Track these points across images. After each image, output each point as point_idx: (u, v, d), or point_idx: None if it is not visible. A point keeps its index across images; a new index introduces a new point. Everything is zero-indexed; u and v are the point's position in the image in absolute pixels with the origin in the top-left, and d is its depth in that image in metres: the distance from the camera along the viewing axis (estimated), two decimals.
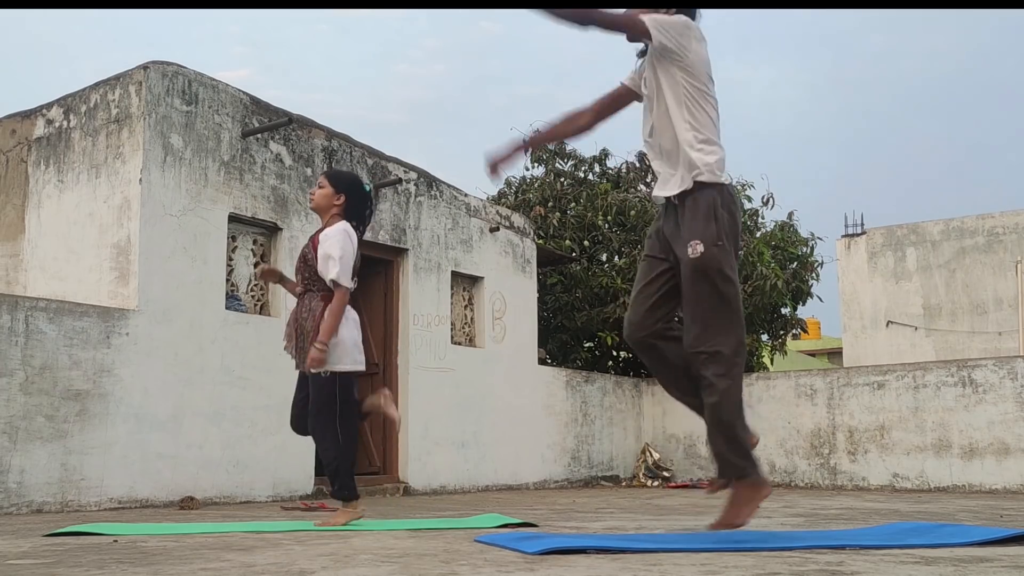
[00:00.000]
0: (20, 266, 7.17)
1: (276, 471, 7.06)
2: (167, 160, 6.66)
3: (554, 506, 6.37)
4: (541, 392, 10.05)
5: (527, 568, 2.66)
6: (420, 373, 8.58)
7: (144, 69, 6.66)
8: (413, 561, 2.86)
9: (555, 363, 11.92)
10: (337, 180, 4.59)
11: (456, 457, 8.85)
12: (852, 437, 10.01)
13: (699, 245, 3.42)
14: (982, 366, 9.48)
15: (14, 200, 7.32)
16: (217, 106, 7.06)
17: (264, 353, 7.07)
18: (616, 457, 10.99)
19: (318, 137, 7.88)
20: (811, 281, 13.50)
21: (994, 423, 9.23)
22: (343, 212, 4.52)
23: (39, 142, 7.21)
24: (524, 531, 4.01)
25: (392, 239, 8.47)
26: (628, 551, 3.09)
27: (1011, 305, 14.97)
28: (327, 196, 4.54)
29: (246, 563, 2.84)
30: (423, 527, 4.32)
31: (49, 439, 5.77)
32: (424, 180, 8.92)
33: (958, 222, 15.85)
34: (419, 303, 8.69)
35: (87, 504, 5.90)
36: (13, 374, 5.66)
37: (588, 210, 12.41)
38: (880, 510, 5.81)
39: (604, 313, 11.75)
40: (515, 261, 9.97)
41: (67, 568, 2.76)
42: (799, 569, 2.59)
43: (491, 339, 9.51)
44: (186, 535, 3.92)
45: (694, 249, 3.43)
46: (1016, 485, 9.00)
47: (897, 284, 16.17)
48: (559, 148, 13.40)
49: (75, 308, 6.07)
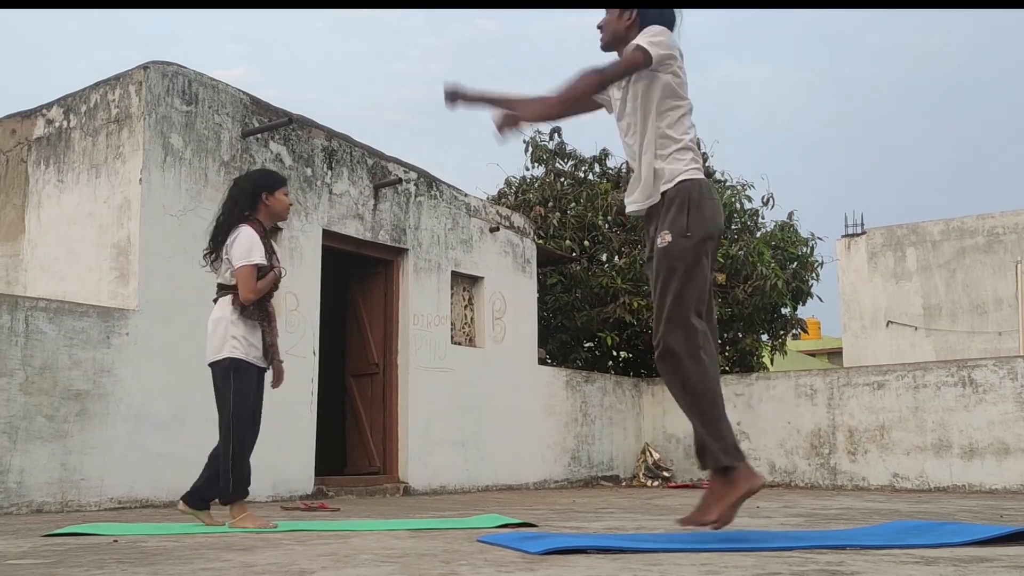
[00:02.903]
0: (20, 266, 7.17)
1: (276, 471, 7.06)
2: (167, 160, 6.66)
3: (554, 506, 6.37)
4: (541, 392, 10.05)
5: (527, 568, 2.66)
6: (420, 373, 8.58)
7: (144, 69, 6.66)
8: (413, 561, 2.86)
9: (555, 363, 11.92)
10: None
11: (456, 457, 8.85)
12: (852, 437, 10.01)
13: (667, 235, 3.42)
14: (982, 366, 9.48)
15: (14, 200, 7.32)
16: (217, 106, 7.06)
17: None
18: (616, 457, 10.99)
19: (318, 137, 7.88)
20: (811, 281, 13.51)
21: (994, 423, 9.23)
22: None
23: (39, 142, 7.20)
24: (524, 531, 4.01)
25: (392, 239, 8.47)
26: (628, 551, 3.09)
27: (1011, 305, 14.97)
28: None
29: (246, 563, 2.84)
30: (423, 527, 4.32)
31: (49, 439, 5.77)
32: (424, 180, 8.92)
33: (958, 222, 15.85)
34: (419, 303, 8.69)
35: (87, 504, 5.90)
36: (13, 374, 5.66)
37: (588, 210, 12.41)
38: (880, 510, 5.81)
39: (604, 313, 11.75)
40: (515, 261, 9.97)
41: (67, 568, 2.76)
42: (799, 569, 2.59)
43: (491, 339, 9.51)
44: (186, 535, 3.92)
45: (663, 239, 3.44)
46: (1016, 485, 9.00)
47: (897, 284, 16.17)
48: (559, 148, 13.40)
49: (75, 308, 6.07)
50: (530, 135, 13.43)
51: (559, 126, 13.43)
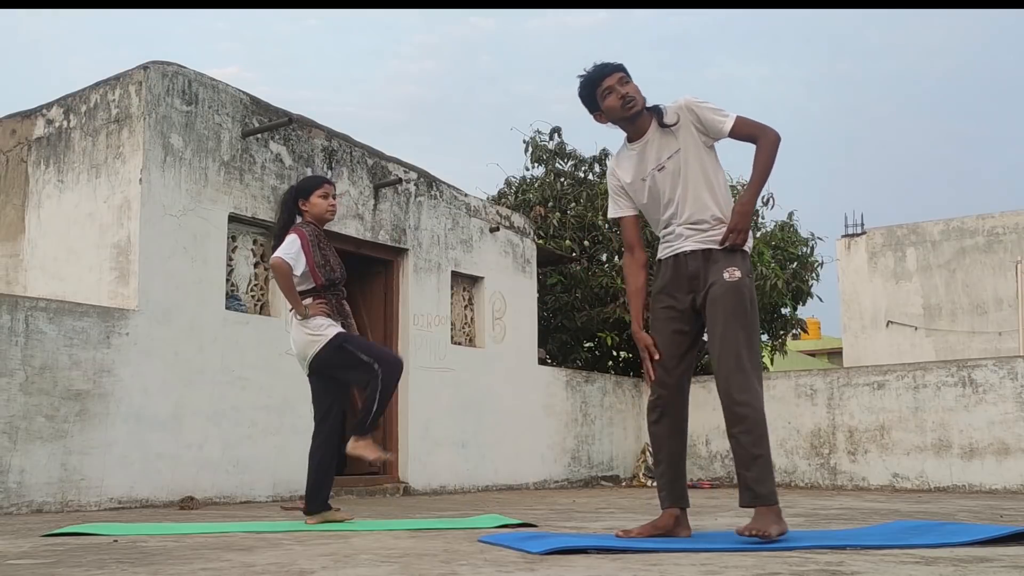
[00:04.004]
0: (20, 266, 7.17)
1: (276, 471, 7.06)
2: (167, 160, 6.66)
3: (554, 506, 6.37)
4: (541, 392, 10.05)
5: (527, 568, 2.66)
6: (420, 373, 8.58)
7: (144, 69, 6.66)
8: (413, 561, 2.86)
9: (555, 363, 11.93)
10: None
11: (456, 457, 8.85)
12: (852, 437, 10.01)
13: (737, 272, 3.47)
14: (982, 366, 9.48)
15: (14, 200, 7.32)
16: (217, 106, 7.06)
17: (264, 353, 7.07)
18: (616, 457, 10.99)
19: (318, 137, 7.88)
20: (811, 281, 13.50)
21: (994, 423, 9.23)
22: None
23: (39, 142, 7.21)
24: (525, 531, 4.01)
25: (392, 239, 8.47)
26: (628, 551, 3.09)
27: (1011, 305, 14.96)
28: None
29: (246, 563, 2.84)
30: (423, 527, 4.32)
31: (49, 439, 5.77)
32: (424, 180, 8.92)
33: (958, 222, 15.85)
34: (419, 303, 8.69)
35: (87, 504, 5.90)
36: (13, 374, 5.66)
37: (588, 210, 12.41)
38: (880, 510, 5.81)
39: (604, 313, 11.75)
40: (515, 261, 9.97)
41: (67, 568, 2.76)
42: (799, 569, 2.59)
43: (491, 339, 9.51)
44: (186, 535, 3.92)
45: (731, 274, 3.46)
46: (1016, 485, 9.00)
47: (897, 284, 16.17)
48: (559, 148, 13.40)
49: (75, 308, 6.07)
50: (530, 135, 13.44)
51: (559, 126, 13.45)
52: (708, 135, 3.53)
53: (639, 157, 3.61)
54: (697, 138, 3.53)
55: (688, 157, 3.53)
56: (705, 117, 3.52)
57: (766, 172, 3.50)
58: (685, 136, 3.53)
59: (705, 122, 3.52)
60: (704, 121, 3.52)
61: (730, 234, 3.45)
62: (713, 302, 3.47)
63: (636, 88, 3.59)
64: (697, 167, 3.53)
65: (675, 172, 3.54)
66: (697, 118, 3.52)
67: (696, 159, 3.53)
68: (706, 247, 3.52)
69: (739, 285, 3.45)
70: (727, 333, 3.42)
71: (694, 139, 3.53)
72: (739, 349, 3.41)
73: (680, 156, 3.53)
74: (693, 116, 3.52)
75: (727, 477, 10.49)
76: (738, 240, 3.46)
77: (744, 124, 3.50)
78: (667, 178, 3.55)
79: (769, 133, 3.49)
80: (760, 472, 3.35)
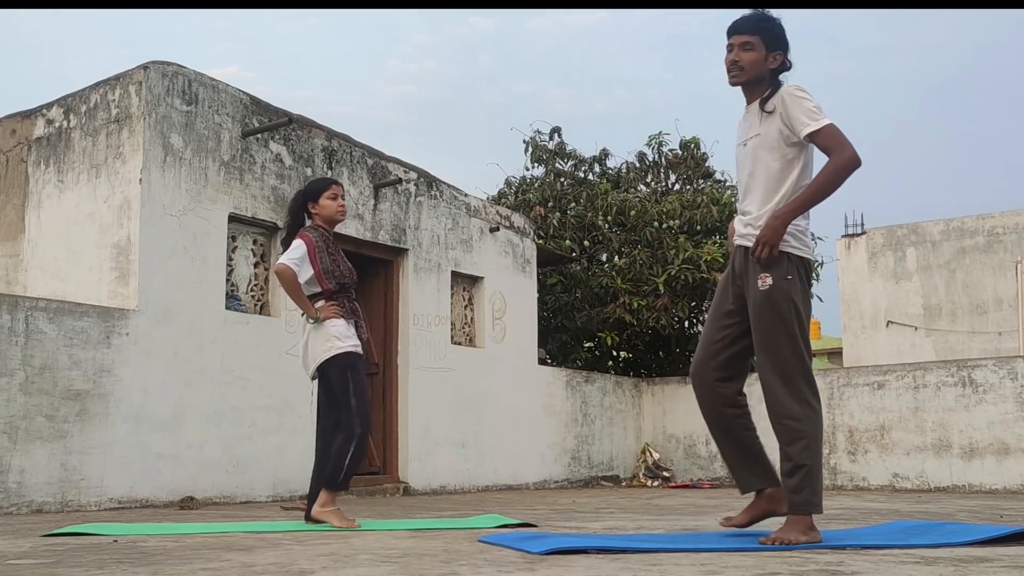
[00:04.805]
0: (20, 266, 7.17)
1: (276, 471, 7.06)
2: (167, 160, 6.66)
3: (554, 506, 6.37)
4: (541, 392, 10.05)
5: (527, 568, 2.66)
6: (420, 373, 8.58)
7: (144, 69, 6.66)
8: (413, 561, 2.86)
9: (555, 363, 11.92)
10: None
11: (456, 457, 8.85)
12: (852, 437, 10.01)
13: (768, 278, 3.35)
14: (982, 366, 9.48)
15: (14, 200, 7.32)
16: (217, 106, 7.06)
17: (264, 353, 7.07)
18: (616, 457, 10.99)
19: (318, 137, 7.88)
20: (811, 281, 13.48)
21: (994, 423, 9.23)
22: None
23: (39, 142, 7.20)
24: (525, 531, 4.01)
25: (392, 239, 8.47)
26: (628, 551, 3.09)
27: (1011, 305, 14.96)
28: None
29: (246, 563, 2.84)
30: (423, 527, 4.32)
31: (49, 439, 5.77)
32: (424, 180, 8.92)
33: (958, 222, 15.84)
34: (419, 303, 8.69)
35: (87, 504, 5.90)
36: (13, 374, 5.66)
37: (588, 210, 12.41)
38: (880, 510, 5.81)
39: (604, 313, 11.75)
40: (515, 261, 9.97)
41: (67, 568, 2.76)
42: (799, 569, 2.59)
43: (491, 339, 9.51)
44: (186, 535, 3.91)
45: (763, 282, 3.36)
46: (1016, 485, 9.00)
47: (897, 284, 16.16)
48: (559, 148, 13.40)
49: (75, 308, 6.07)
50: (530, 135, 13.44)
51: (559, 126, 13.45)
52: (791, 131, 3.37)
53: (742, 123, 3.56)
54: (781, 130, 3.38)
55: (763, 145, 3.41)
56: (791, 112, 3.35)
57: (820, 190, 3.30)
58: (770, 124, 3.40)
59: (791, 117, 3.35)
60: (790, 116, 3.35)
61: (756, 244, 3.33)
62: (751, 312, 3.40)
63: (754, 59, 3.44)
64: (768, 158, 3.40)
65: (750, 155, 3.45)
66: (787, 110, 3.36)
67: (770, 150, 3.39)
68: (750, 245, 3.40)
69: (771, 293, 3.33)
70: (764, 346, 3.37)
71: (777, 130, 3.38)
72: (778, 362, 3.35)
73: (757, 141, 3.43)
74: (784, 107, 3.37)
75: (727, 477, 10.49)
76: (762, 254, 3.31)
77: (826, 135, 3.29)
78: (745, 157, 3.49)
79: (844, 153, 3.26)
80: (801, 481, 3.27)
